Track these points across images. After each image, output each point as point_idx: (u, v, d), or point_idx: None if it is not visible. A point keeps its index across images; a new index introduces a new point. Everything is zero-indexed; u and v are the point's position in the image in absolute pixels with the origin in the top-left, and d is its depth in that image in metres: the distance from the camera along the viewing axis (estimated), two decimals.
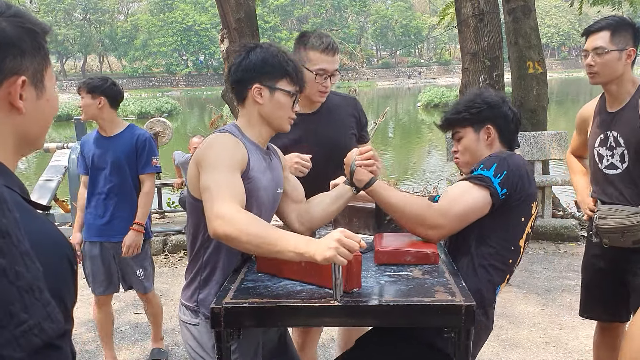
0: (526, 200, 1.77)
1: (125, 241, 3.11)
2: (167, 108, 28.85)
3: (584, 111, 2.55)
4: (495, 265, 1.75)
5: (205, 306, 1.71)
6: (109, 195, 3.14)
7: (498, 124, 1.88)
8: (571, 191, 8.44)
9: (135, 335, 3.84)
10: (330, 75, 2.25)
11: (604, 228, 2.32)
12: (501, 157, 1.78)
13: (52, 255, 0.81)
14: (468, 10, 5.90)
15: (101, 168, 3.13)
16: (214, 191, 1.53)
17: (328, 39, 2.26)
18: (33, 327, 0.63)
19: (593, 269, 2.52)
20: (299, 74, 1.76)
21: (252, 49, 1.75)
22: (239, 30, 5.95)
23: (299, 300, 1.46)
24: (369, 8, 68.72)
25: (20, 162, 7.06)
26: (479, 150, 1.89)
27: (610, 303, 2.48)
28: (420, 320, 1.45)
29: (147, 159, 3.17)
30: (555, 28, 67.08)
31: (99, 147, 3.14)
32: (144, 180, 3.18)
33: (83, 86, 3.09)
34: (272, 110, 1.74)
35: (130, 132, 3.17)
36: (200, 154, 1.66)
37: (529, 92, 6.48)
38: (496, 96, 1.92)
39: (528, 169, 1.81)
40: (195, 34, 60.42)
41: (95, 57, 66.58)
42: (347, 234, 1.39)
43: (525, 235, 1.81)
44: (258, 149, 1.77)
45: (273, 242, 1.42)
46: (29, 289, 0.64)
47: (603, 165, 2.38)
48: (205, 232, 1.68)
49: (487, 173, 1.73)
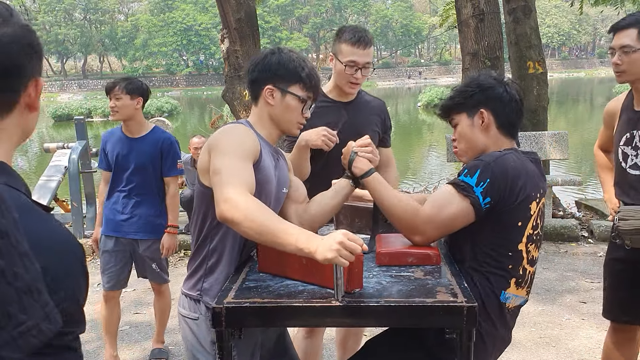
0: (522, 203, 1.65)
1: (164, 244, 3.22)
2: (167, 108, 28.83)
3: (612, 106, 2.52)
4: (493, 272, 1.67)
5: (209, 295, 1.71)
6: (129, 194, 3.20)
7: (492, 108, 1.75)
8: (570, 190, 8.45)
9: (135, 335, 3.84)
10: (361, 67, 2.34)
11: (625, 229, 2.27)
12: (486, 162, 1.66)
13: (65, 255, 0.81)
14: (468, 10, 5.90)
15: (125, 168, 3.17)
16: (225, 176, 1.54)
17: (361, 33, 2.35)
18: (31, 328, 0.63)
19: (613, 270, 2.47)
20: (313, 81, 1.78)
21: (273, 52, 1.79)
22: (239, 30, 5.96)
23: (300, 300, 1.46)
24: (369, 8, 68.72)
25: (20, 162, 7.10)
26: (474, 137, 1.78)
27: (629, 305, 2.43)
28: (421, 321, 1.44)
29: (172, 162, 3.23)
30: (555, 28, 67.09)
31: (124, 147, 3.18)
32: (169, 182, 3.26)
33: (120, 87, 3.09)
34: (281, 112, 1.77)
35: (156, 134, 3.22)
36: (214, 140, 1.68)
37: (530, 92, 6.48)
38: (492, 78, 1.79)
39: (527, 169, 1.69)
40: (195, 34, 60.42)
41: (96, 57, 66.58)
42: (350, 236, 1.38)
43: (527, 238, 1.70)
44: (268, 146, 1.80)
45: (276, 233, 1.43)
46: (28, 290, 0.64)
47: (627, 164, 2.34)
48: (213, 220, 1.69)
49: (470, 181, 1.64)
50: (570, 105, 29.76)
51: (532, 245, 1.73)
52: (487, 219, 1.65)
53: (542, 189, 1.74)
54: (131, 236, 3.22)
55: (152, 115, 24.35)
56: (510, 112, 1.77)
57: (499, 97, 1.75)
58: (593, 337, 3.54)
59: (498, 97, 1.75)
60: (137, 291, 4.66)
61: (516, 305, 1.77)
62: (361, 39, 2.32)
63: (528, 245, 1.71)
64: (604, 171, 2.69)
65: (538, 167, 1.77)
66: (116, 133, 3.26)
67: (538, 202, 1.72)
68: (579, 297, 4.24)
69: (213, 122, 9.67)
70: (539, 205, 1.73)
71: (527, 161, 1.74)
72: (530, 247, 1.73)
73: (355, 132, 2.40)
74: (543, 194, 1.75)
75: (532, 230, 1.71)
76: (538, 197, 1.71)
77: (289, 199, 1.93)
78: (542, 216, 1.77)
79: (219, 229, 1.72)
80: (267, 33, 56.61)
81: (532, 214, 1.70)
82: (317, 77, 1.80)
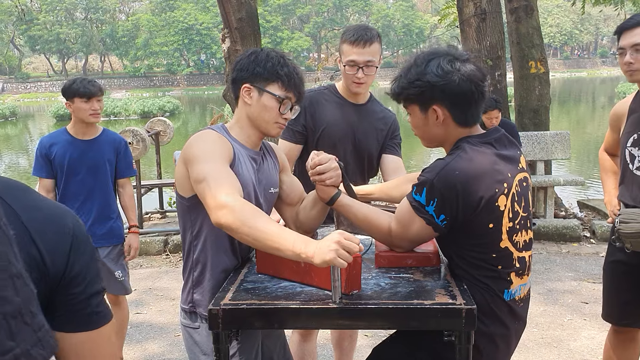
0: (484, 207, 1.51)
1: (131, 244, 3.15)
2: (169, 107, 28.85)
3: (618, 108, 2.48)
4: (487, 276, 1.59)
5: (202, 306, 1.71)
6: (86, 200, 3.05)
7: (446, 103, 1.56)
8: (572, 190, 8.43)
9: (136, 336, 3.83)
10: (362, 66, 2.27)
11: (625, 232, 2.24)
12: (429, 179, 1.52)
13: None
14: (470, 10, 5.89)
15: (77, 172, 3.02)
16: (212, 181, 1.52)
17: (360, 31, 2.28)
18: (19, 356, 0.61)
19: (613, 273, 2.45)
20: (292, 81, 1.72)
21: (254, 51, 1.76)
22: (241, 29, 5.94)
23: (297, 302, 1.44)
24: (371, 7, 68.68)
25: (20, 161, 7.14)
26: (430, 130, 1.63)
27: (629, 308, 2.40)
28: (419, 323, 1.43)
29: (128, 163, 3.18)
30: (557, 28, 66.97)
31: (75, 150, 3.02)
32: (124, 184, 3.19)
33: (99, 89, 3.02)
34: (258, 112, 1.72)
35: (109, 136, 3.13)
36: (186, 150, 1.65)
37: (531, 92, 6.46)
38: (442, 70, 1.55)
39: (481, 166, 1.52)
40: (196, 34, 60.41)
41: (97, 57, 66.63)
42: (347, 235, 1.37)
43: (507, 234, 1.57)
44: (244, 149, 1.75)
45: (272, 238, 1.41)
46: (18, 314, 0.61)
47: (634, 166, 2.30)
48: (193, 230, 1.68)
49: (421, 199, 1.54)
50: (572, 105, 29.70)
51: (517, 235, 1.61)
52: (456, 230, 1.56)
53: (508, 174, 1.56)
54: (95, 244, 3.04)
55: (155, 114, 24.38)
56: (466, 103, 1.57)
57: (453, 91, 1.54)
58: (595, 338, 3.53)
59: (452, 91, 1.54)
60: (137, 291, 4.65)
61: (525, 292, 1.70)
62: (359, 37, 2.25)
63: (513, 238, 1.59)
64: (607, 174, 2.67)
65: (501, 148, 1.60)
66: (61, 136, 3.05)
67: (508, 193, 1.55)
68: (581, 298, 4.22)
69: (213, 122, 9.66)
70: (512, 192, 1.57)
71: (483, 152, 1.56)
72: (517, 237, 1.61)
73: (353, 135, 2.44)
74: (512, 178, 1.58)
75: (511, 222, 1.58)
76: (506, 188, 1.55)
77: (283, 202, 1.91)
78: (523, 198, 1.61)
79: (198, 239, 1.70)
80: (268, 32, 56.60)
81: (503, 209, 1.55)
82: (299, 77, 1.74)
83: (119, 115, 28.08)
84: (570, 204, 7.00)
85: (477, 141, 1.58)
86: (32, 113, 39.05)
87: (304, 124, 2.42)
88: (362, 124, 2.45)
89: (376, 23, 65.32)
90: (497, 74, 6.03)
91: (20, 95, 53.81)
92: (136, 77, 59.95)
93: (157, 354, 3.58)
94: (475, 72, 1.56)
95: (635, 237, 2.23)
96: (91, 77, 3.23)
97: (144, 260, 5.63)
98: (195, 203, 1.65)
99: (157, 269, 5.35)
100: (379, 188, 2.11)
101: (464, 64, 1.56)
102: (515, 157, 1.63)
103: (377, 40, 2.30)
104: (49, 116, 29.22)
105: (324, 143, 2.40)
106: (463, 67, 1.55)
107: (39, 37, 57.87)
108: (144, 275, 5.14)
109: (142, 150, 5.96)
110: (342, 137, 2.42)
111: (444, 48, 1.62)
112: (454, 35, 8.64)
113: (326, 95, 2.46)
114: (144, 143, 5.96)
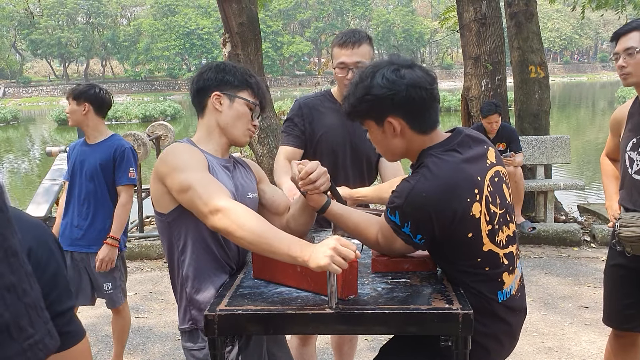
0: (460, 220, 1.48)
1: (99, 255, 3.01)
2: (170, 112, 28.91)
3: (618, 113, 2.50)
4: (474, 280, 1.57)
5: (202, 321, 1.68)
6: (84, 203, 3.08)
7: (400, 114, 1.52)
8: (572, 195, 8.42)
9: (136, 340, 3.83)
10: (352, 68, 2.27)
11: (625, 236, 2.24)
12: (400, 205, 1.50)
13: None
14: (470, 14, 5.90)
15: (80, 175, 3.08)
16: (199, 188, 1.51)
17: (349, 33, 2.30)
18: (38, 342, 0.65)
19: (614, 277, 2.45)
20: (260, 90, 1.77)
21: (217, 63, 1.78)
22: (241, 34, 5.96)
23: (293, 308, 1.44)
24: (371, 12, 68.82)
25: (23, 165, 7.13)
26: (390, 143, 1.59)
27: (630, 312, 2.40)
28: (416, 328, 1.42)
29: (124, 171, 3.08)
30: (557, 32, 67.07)
31: (81, 153, 3.11)
32: (120, 192, 3.10)
33: (69, 92, 3.09)
34: (231, 119, 1.73)
35: (110, 141, 3.12)
36: (161, 165, 1.61)
37: (531, 96, 6.47)
38: (387, 80, 1.50)
39: (449, 177, 1.48)
40: (198, 38, 60.59)
41: (98, 61, 66.80)
42: (343, 242, 1.36)
43: (488, 236, 1.54)
44: (215, 159, 1.74)
45: (268, 241, 1.41)
46: (34, 306, 0.66)
47: (633, 170, 2.31)
48: (178, 245, 1.66)
49: (396, 220, 1.53)
50: (572, 109, 29.70)
51: (499, 235, 1.58)
52: (437, 244, 1.56)
53: (477, 178, 1.52)
54: (86, 250, 3.07)
55: (156, 118, 24.43)
56: (420, 110, 1.53)
57: (403, 99, 1.49)
58: (595, 342, 3.52)
59: (402, 100, 1.50)
60: (138, 295, 4.65)
61: (518, 283, 1.68)
62: (348, 40, 2.26)
63: (495, 239, 1.56)
64: (609, 179, 2.67)
65: (466, 151, 1.56)
66: (80, 140, 3.22)
67: (481, 199, 1.51)
68: (581, 302, 4.21)
69: None
70: (485, 195, 1.53)
71: (447, 162, 1.51)
72: (499, 237, 1.58)
73: (351, 140, 2.44)
74: (482, 180, 1.53)
75: (489, 225, 1.54)
76: (477, 194, 1.50)
77: (270, 212, 1.89)
78: (497, 196, 1.57)
79: (185, 254, 1.67)
80: (269, 37, 56.74)
81: (479, 215, 1.51)
82: (264, 89, 1.81)
83: (120, 120, 28.15)
84: (571, 208, 7.00)
85: (440, 151, 1.55)
86: (33, 117, 39.11)
87: (303, 129, 2.42)
88: (358, 129, 2.44)
89: (376, 28, 65.48)
90: (497, 78, 6.03)
91: (22, 99, 53.98)
92: (137, 82, 60.08)
93: (157, 357, 3.57)
94: (422, 77, 1.51)
95: (635, 241, 2.23)
96: (93, 82, 3.27)
97: (144, 264, 5.63)
98: (176, 217, 1.64)
99: (157, 273, 5.34)
100: (373, 190, 2.11)
101: (409, 70, 1.51)
102: (481, 154, 1.59)
103: (367, 42, 2.30)
104: (50, 120, 29.28)
105: (323, 148, 2.40)
106: (409, 73, 1.50)
107: (41, 42, 58.06)
108: (144, 279, 5.13)
109: (143, 154, 5.94)
110: (340, 142, 2.43)
111: (386, 59, 1.58)
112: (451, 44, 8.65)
113: (323, 100, 2.47)
114: (145, 147, 5.96)
